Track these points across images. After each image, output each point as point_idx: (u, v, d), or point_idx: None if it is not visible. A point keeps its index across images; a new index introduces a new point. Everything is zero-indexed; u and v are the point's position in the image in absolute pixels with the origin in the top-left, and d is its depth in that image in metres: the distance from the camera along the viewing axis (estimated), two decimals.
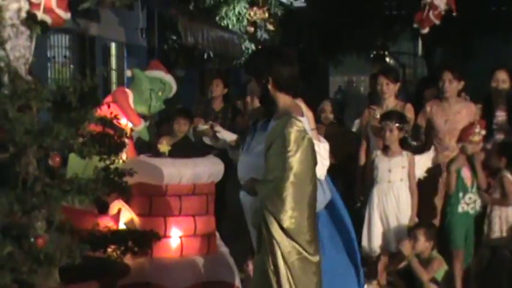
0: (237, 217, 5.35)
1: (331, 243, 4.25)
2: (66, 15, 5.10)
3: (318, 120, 6.96)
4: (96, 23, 10.85)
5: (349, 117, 11.32)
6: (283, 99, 3.81)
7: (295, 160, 3.56)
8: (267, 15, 15.58)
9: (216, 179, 5.71)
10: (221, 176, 5.72)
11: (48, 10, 4.93)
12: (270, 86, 3.79)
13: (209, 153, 6.07)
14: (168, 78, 6.46)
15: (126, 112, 6.07)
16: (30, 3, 4.85)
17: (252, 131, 4.09)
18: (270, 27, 15.72)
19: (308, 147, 3.64)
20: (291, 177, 3.56)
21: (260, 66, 3.86)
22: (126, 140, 4.97)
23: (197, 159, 5.71)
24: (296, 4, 17.27)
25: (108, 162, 4.54)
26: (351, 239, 4.46)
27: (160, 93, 6.32)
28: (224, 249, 5.84)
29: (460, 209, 5.98)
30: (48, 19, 4.95)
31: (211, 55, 14.28)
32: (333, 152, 6.58)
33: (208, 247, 5.63)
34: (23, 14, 4.81)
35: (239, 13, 15.10)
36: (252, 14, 15.10)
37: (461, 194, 5.98)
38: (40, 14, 4.87)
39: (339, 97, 19.66)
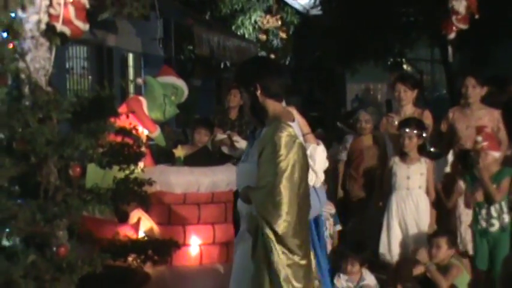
0: None
1: None
2: (84, 26, 5.15)
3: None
4: (113, 34, 10.92)
5: None
6: (272, 106, 3.79)
7: (287, 164, 3.54)
8: (279, 23, 15.63)
9: (234, 187, 5.73)
10: None
11: (67, 22, 4.99)
12: (258, 93, 3.78)
13: (227, 162, 6.10)
14: (180, 82, 6.48)
15: (142, 120, 6.11)
16: (50, 15, 4.90)
17: (251, 139, 4.10)
18: (283, 35, 15.75)
19: (299, 151, 3.61)
20: (283, 181, 3.53)
21: (248, 74, 3.85)
22: (144, 149, 5.02)
23: (215, 168, 5.74)
24: (312, 12, 17.31)
25: (127, 171, 4.58)
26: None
27: (173, 98, 6.35)
28: None
29: (478, 227, 5.81)
30: (67, 31, 5.00)
31: (228, 64, 14.33)
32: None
33: (227, 255, 5.65)
34: (43, 26, 4.87)
35: (255, 22, 15.15)
36: (264, 22, 15.15)
37: (477, 209, 5.83)
38: (59, 26, 4.92)
39: (356, 105, 19.58)
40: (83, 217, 4.56)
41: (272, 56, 15.32)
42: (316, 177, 4.02)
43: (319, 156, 4.04)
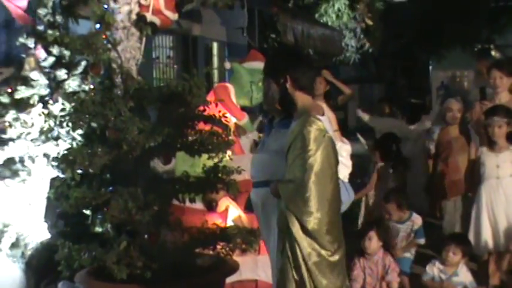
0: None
1: None
2: (173, 16, 5.22)
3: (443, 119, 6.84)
4: (198, 23, 11.00)
5: None
6: (301, 99, 3.73)
7: (316, 159, 3.48)
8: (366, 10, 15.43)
9: None
10: None
11: (156, 12, 5.06)
12: (288, 86, 3.72)
13: None
14: None
15: (229, 108, 6.13)
16: (140, 6, 4.98)
17: (267, 128, 4.02)
18: (369, 22, 15.55)
19: (328, 145, 3.54)
20: (312, 177, 3.47)
21: (278, 66, 3.80)
22: (233, 138, 5.02)
23: None
24: None
25: (216, 160, 4.59)
26: None
27: (260, 84, 6.33)
28: None
29: None
30: (156, 20, 5.08)
31: (312, 53, 14.24)
32: None
33: None
34: (134, 16, 4.94)
35: (339, 10, 14.98)
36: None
37: None
38: (149, 16, 5.00)
39: (442, 93, 19.14)
40: (172, 205, 4.60)
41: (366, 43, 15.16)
42: (346, 171, 3.95)
43: (344, 153, 3.96)
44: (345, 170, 3.91)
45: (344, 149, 3.98)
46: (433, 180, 7.09)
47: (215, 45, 12.24)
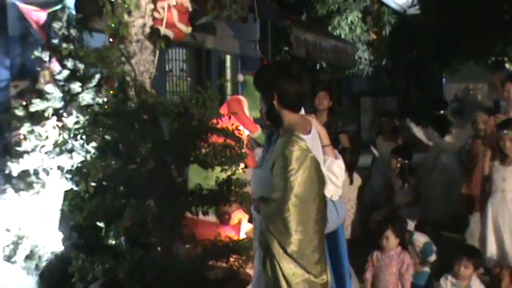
0: None
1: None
2: (187, 29, 5.25)
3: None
4: (211, 36, 11.04)
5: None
6: (288, 116, 3.68)
7: (297, 180, 3.42)
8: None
9: None
10: None
11: (170, 25, 5.08)
12: (275, 102, 3.68)
13: None
14: None
15: (242, 120, 6.14)
16: (154, 19, 5.00)
17: (267, 144, 4.01)
18: (373, 35, 15.56)
19: (311, 166, 3.47)
20: (292, 199, 3.41)
21: (266, 82, 3.74)
22: (246, 150, 5.03)
23: None
24: (410, 11, 17.00)
25: (229, 172, 4.59)
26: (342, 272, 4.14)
27: None
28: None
29: None
30: (170, 34, 5.10)
31: (324, 65, 14.25)
32: None
33: None
34: (147, 30, 4.97)
35: (352, 22, 14.99)
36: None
37: None
38: (163, 29, 5.02)
39: (455, 105, 19.13)
40: (185, 218, 4.61)
41: (371, 57, 15.17)
42: (335, 190, 3.89)
43: (337, 169, 3.90)
44: (332, 187, 3.83)
45: (335, 165, 3.88)
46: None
47: (228, 58, 12.27)
